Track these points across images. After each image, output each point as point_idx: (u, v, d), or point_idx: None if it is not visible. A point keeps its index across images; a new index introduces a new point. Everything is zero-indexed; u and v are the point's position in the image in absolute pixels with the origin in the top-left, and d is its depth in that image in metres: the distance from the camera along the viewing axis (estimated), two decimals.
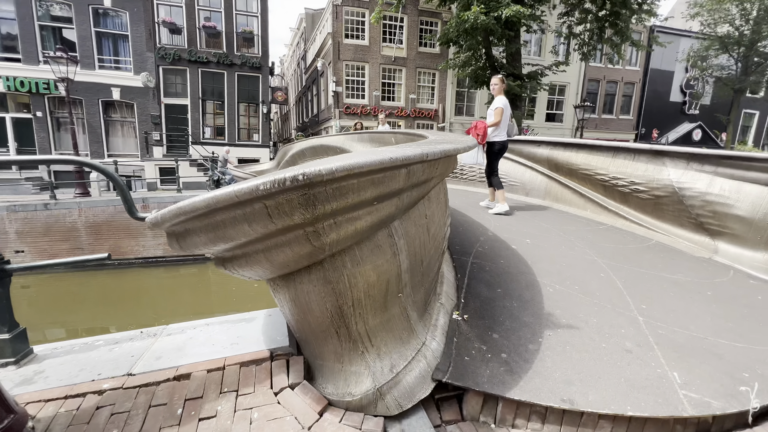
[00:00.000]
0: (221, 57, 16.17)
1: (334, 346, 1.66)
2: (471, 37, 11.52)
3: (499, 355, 1.87)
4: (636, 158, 4.21)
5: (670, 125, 24.61)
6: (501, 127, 4.53)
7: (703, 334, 2.21)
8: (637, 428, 1.63)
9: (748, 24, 16.17)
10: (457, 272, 2.77)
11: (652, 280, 2.92)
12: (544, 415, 1.65)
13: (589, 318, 2.27)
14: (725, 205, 3.43)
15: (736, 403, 1.68)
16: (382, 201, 1.40)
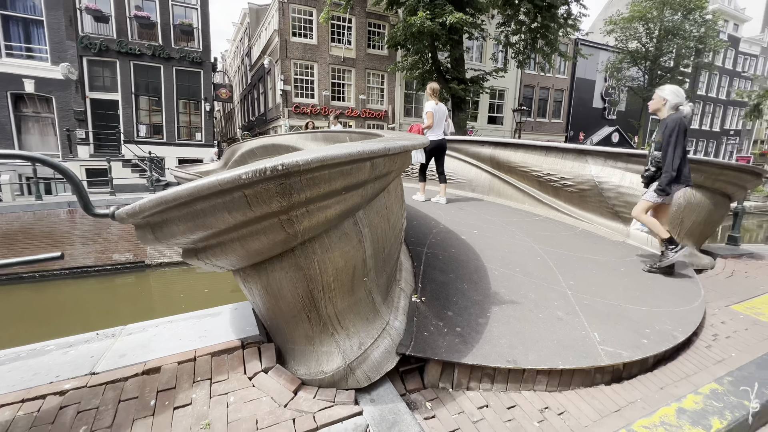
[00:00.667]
0: (156, 50, 15.06)
1: (305, 329, 1.77)
2: (418, 41, 11.99)
3: (454, 329, 2.10)
4: (564, 157, 4.77)
5: (594, 128, 27.44)
6: (433, 128, 5.04)
7: (617, 301, 2.64)
8: (567, 379, 1.94)
9: (652, 41, 18.64)
10: (414, 261, 2.98)
11: (578, 261, 3.38)
12: (493, 375, 1.90)
13: (528, 294, 2.60)
14: (634, 195, 4.04)
15: (640, 352, 2.07)
16: (349, 191, 1.54)
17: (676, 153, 3.02)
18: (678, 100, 3.10)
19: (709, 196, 3.76)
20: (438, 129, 5.10)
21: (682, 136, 3.03)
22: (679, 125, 3.03)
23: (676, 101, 3.10)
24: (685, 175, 3.11)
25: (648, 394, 1.95)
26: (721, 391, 1.97)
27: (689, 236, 3.90)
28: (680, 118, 3.06)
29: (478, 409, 1.78)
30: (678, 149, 3.03)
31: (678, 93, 3.13)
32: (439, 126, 5.08)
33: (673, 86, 3.22)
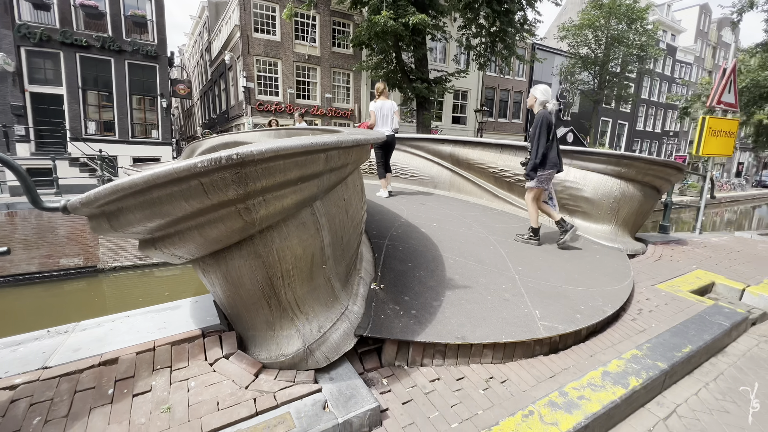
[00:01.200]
0: (106, 42, 14.18)
1: (265, 315, 1.84)
2: (381, 41, 12.15)
3: (409, 312, 2.25)
4: (516, 154, 5.09)
5: None
6: (378, 125, 5.25)
7: (558, 283, 2.91)
8: (510, 351, 2.15)
9: (600, 48, 20.02)
10: (375, 252, 3.11)
11: (527, 249, 3.66)
12: (444, 351, 2.07)
13: (479, 279, 2.81)
14: (577, 189, 4.41)
15: (573, 326, 2.32)
16: (305, 181, 1.64)
17: (540, 143, 3.56)
18: (545, 98, 3.64)
19: (640, 189, 4.18)
20: (384, 125, 5.28)
21: (545, 128, 3.56)
22: (543, 119, 3.57)
23: (543, 99, 3.64)
24: (551, 161, 3.63)
25: (580, 362, 2.19)
26: (640, 355, 2.26)
27: (624, 225, 4.32)
28: (545, 113, 3.60)
29: (430, 382, 1.93)
30: (541, 139, 3.55)
31: (546, 92, 3.68)
32: (385, 122, 5.27)
33: (543, 86, 3.75)
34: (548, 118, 3.58)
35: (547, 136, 3.58)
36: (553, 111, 3.64)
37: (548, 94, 3.67)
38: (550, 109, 3.63)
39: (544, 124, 3.56)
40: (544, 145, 3.58)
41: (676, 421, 2.00)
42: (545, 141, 3.58)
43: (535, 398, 1.85)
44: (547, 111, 3.63)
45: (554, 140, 3.63)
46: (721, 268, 4.03)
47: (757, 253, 4.87)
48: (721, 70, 5.64)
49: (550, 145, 3.62)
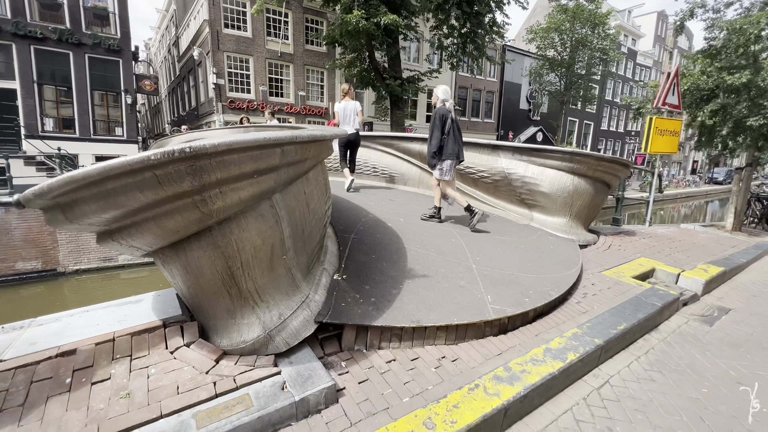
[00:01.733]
0: (64, 34, 13.48)
1: (226, 304, 1.91)
2: (354, 40, 12.21)
3: (369, 300, 2.37)
4: (480, 151, 5.32)
5: (521, 128, 29.89)
6: (341, 125, 5.60)
7: (512, 271, 3.11)
8: (462, 333, 2.31)
9: (566, 51, 20.89)
10: (341, 245, 3.21)
11: (487, 241, 3.86)
12: (401, 335, 2.21)
13: (438, 269, 2.97)
14: (535, 184, 4.68)
15: (521, 308, 2.52)
16: (261, 175, 1.72)
17: (434, 135, 3.99)
18: (444, 97, 4.04)
19: (591, 184, 4.49)
20: (347, 124, 5.61)
21: (440, 123, 3.97)
22: (439, 115, 3.98)
23: (443, 98, 4.04)
24: (448, 152, 4.02)
25: (525, 341, 2.39)
26: (580, 333, 2.48)
27: (578, 218, 4.62)
28: (443, 109, 4.00)
29: (386, 363, 2.06)
30: (436, 132, 3.98)
31: (446, 92, 4.09)
32: (347, 122, 5.61)
33: (444, 86, 4.16)
34: (444, 113, 3.98)
35: (442, 129, 3.98)
36: (450, 109, 4.02)
37: (448, 93, 4.08)
38: (448, 107, 4.01)
39: (440, 119, 3.97)
40: (439, 138, 3.99)
41: (608, 390, 2.23)
42: (440, 134, 3.99)
43: (481, 373, 2.02)
44: (445, 108, 4.01)
45: (451, 133, 4.01)
46: (663, 255, 4.40)
47: (696, 242, 5.33)
48: (665, 74, 6.10)
49: (447, 137, 4.01)
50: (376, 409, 1.73)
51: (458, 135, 4.10)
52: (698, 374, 2.43)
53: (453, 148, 4.02)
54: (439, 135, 3.98)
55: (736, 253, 4.97)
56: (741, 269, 4.57)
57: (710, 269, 4.00)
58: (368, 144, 7.15)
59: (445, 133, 3.99)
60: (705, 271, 3.92)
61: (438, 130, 3.98)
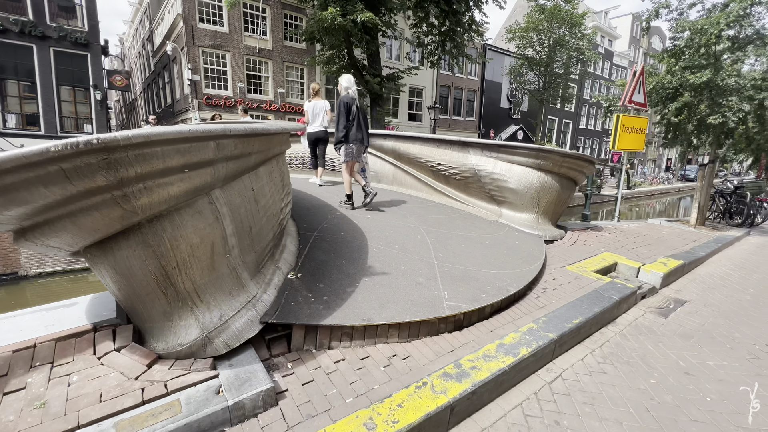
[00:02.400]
0: (26, 26, 12.85)
1: (162, 306, 1.82)
2: (332, 36, 12.07)
3: (321, 298, 2.31)
4: (452, 148, 5.31)
5: (502, 127, 30.27)
6: (311, 122, 5.78)
7: (473, 267, 3.11)
8: (415, 330, 2.28)
9: (544, 50, 21.24)
10: (301, 244, 3.14)
11: (453, 238, 3.86)
12: (351, 334, 2.16)
13: (399, 266, 2.93)
14: (503, 181, 4.70)
15: (477, 304, 2.51)
16: (193, 169, 1.64)
17: (340, 122, 4.20)
18: (347, 85, 4.27)
19: (557, 180, 4.54)
20: (316, 122, 5.78)
21: (345, 110, 4.19)
22: (343, 103, 4.21)
23: (346, 86, 4.27)
24: (352, 137, 4.25)
25: (480, 336, 2.38)
26: (535, 328, 2.49)
27: (545, 213, 4.67)
28: (345, 97, 4.23)
29: (334, 363, 2.01)
30: (341, 119, 4.19)
31: (349, 80, 4.30)
32: (315, 120, 5.78)
33: (348, 75, 4.38)
34: (348, 101, 4.22)
35: (347, 116, 4.21)
36: (354, 96, 4.27)
37: (351, 82, 4.30)
38: (351, 95, 4.24)
39: (343, 107, 4.21)
40: (344, 124, 4.21)
41: (559, 384, 2.24)
42: (345, 121, 4.21)
43: (431, 371, 1.99)
44: (349, 96, 4.24)
45: (355, 120, 4.25)
46: (626, 250, 4.49)
47: (660, 237, 5.47)
48: (631, 73, 6.24)
49: (351, 124, 4.24)
50: (317, 411, 1.67)
51: (363, 121, 4.33)
52: (649, 365, 2.48)
53: (356, 134, 4.26)
54: (344, 121, 4.20)
55: (697, 247, 5.13)
56: (700, 262, 4.72)
57: (669, 263, 4.10)
58: None
59: (349, 120, 4.21)
60: (664, 264, 4.02)
61: (343, 117, 4.20)
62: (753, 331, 3.03)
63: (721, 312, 3.37)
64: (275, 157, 2.71)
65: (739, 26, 5.69)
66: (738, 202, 7.97)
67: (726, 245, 5.74)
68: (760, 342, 2.85)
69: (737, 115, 5.80)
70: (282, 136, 2.68)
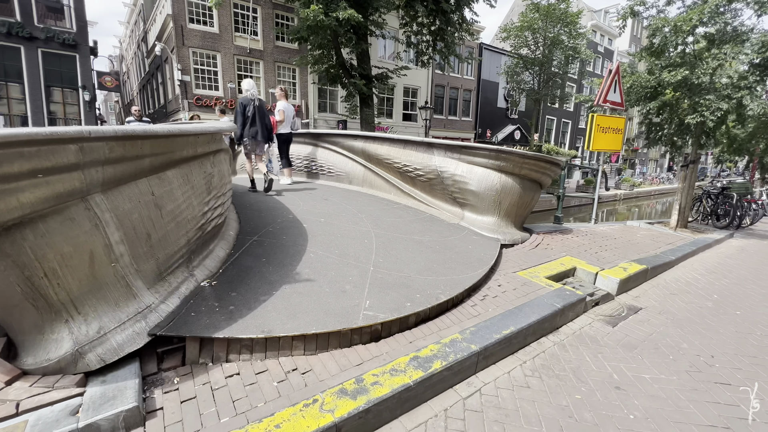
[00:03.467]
0: (13, 27, 12.87)
1: (33, 318, 1.73)
2: (316, 35, 11.96)
3: (227, 308, 2.21)
4: (417, 149, 5.19)
5: (499, 126, 30.09)
6: (285, 124, 6.01)
7: (410, 274, 2.99)
8: (323, 342, 2.17)
9: (540, 49, 21.03)
10: (234, 249, 3.04)
11: (403, 242, 3.74)
12: (251, 346, 2.05)
13: (329, 272, 2.82)
14: (464, 182, 4.58)
15: (398, 313, 2.39)
16: (50, 174, 1.54)
17: (238, 120, 4.95)
18: (246, 87, 5.01)
19: (519, 182, 4.41)
20: (287, 124, 6.08)
21: (241, 110, 4.95)
22: (239, 103, 4.97)
23: (245, 88, 5.00)
24: (248, 132, 5.00)
25: (397, 348, 2.26)
26: (459, 339, 2.37)
27: (507, 216, 4.55)
28: (243, 98, 4.98)
29: (225, 378, 1.90)
30: (239, 117, 4.96)
31: (248, 83, 5.04)
32: (288, 122, 6.09)
33: (248, 79, 5.12)
34: (244, 102, 4.95)
35: (243, 114, 4.95)
36: (252, 97, 4.99)
37: (251, 85, 5.04)
38: (249, 96, 4.97)
39: (239, 107, 4.95)
40: (241, 121, 4.94)
41: (475, 399, 2.11)
42: (241, 119, 4.95)
43: (328, 387, 1.88)
44: (246, 97, 4.98)
45: (251, 118, 4.97)
46: (589, 254, 4.35)
47: (632, 240, 5.32)
48: (607, 71, 6.09)
49: (247, 120, 4.97)
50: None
51: (259, 118, 5.05)
52: (579, 379, 2.35)
53: (251, 130, 5.00)
54: (240, 120, 4.95)
55: (668, 251, 4.98)
56: (668, 267, 4.57)
57: (630, 267, 3.96)
58: (317, 142, 6.98)
59: (245, 118, 4.95)
60: (624, 269, 3.89)
61: (240, 116, 4.96)
62: (702, 341, 2.89)
63: (675, 320, 3.23)
64: (196, 159, 2.61)
65: (715, 23, 5.53)
66: (724, 203, 7.80)
67: (702, 248, 5.58)
68: (706, 353, 2.71)
69: (715, 114, 5.64)
70: (203, 137, 2.57)
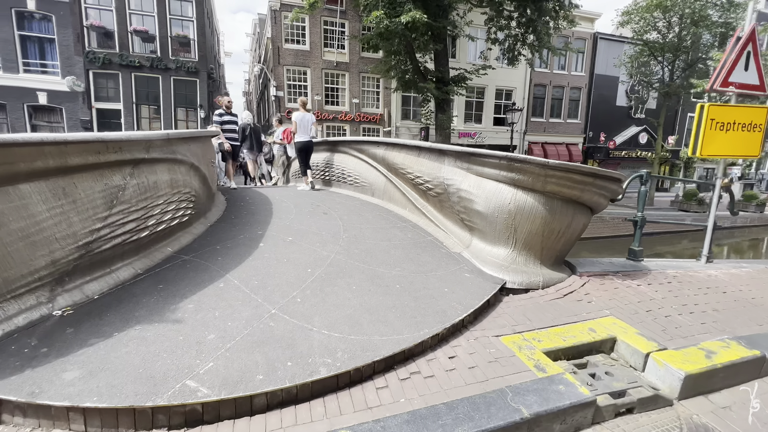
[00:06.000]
0: (155, 61, 15.96)
1: None
2: (387, 41, 11.62)
3: (38, 350, 1.83)
4: (429, 157, 4.26)
5: (618, 128, 25.33)
6: (300, 132, 6.42)
7: (319, 324, 2.22)
8: (110, 419, 1.61)
9: (673, 30, 16.78)
10: (150, 269, 2.75)
11: (359, 275, 2.94)
12: (24, 409, 1.62)
13: (211, 312, 2.26)
14: (470, 200, 3.50)
15: (237, 391, 1.68)
16: None
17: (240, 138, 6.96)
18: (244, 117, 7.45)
19: (543, 202, 3.13)
20: (304, 133, 6.42)
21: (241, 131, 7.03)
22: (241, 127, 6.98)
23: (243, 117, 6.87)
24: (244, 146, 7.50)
25: None
26: None
27: (527, 249, 3.28)
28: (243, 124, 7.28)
29: None
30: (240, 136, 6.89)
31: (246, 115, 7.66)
32: (305, 130, 6.42)
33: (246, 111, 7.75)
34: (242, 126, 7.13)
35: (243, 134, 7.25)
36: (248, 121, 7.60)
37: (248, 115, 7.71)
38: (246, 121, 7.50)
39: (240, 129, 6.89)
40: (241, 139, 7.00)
41: None
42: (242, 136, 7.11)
43: None
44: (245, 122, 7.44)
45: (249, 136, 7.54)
46: (655, 317, 2.82)
47: (759, 298, 3.38)
48: (732, 41, 4.12)
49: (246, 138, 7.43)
50: None
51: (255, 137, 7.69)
52: None
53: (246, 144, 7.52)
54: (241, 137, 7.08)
55: None
56: None
57: (725, 351, 2.37)
58: (344, 149, 6.55)
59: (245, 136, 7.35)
60: (707, 353, 2.33)
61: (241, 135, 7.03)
62: None
63: None
64: (87, 170, 2.37)
65: None
66: None
67: None
68: None
69: None
70: (83, 146, 2.31)
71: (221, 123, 6.44)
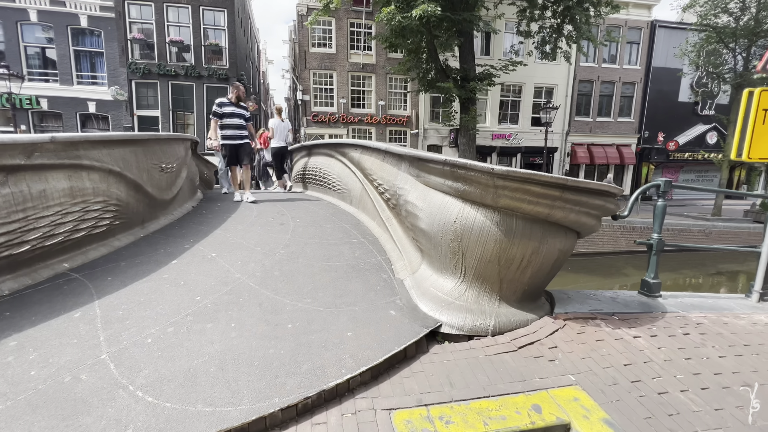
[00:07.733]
0: (189, 70, 16.72)
1: None
2: (403, 39, 11.01)
3: None
4: (391, 161, 3.65)
5: (680, 127, 22.47)
6: (276, 138, 6.81)
7: (140, 384, 1.71)
8: None
9: (749, 12, 14.34)
10: (37, 284, 2.43)
11: (247, 309, 2.40)
12: None
13: (36, 352, 1.84)
14: (415, 215, 2.83)
15: None
16: None
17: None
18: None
19: (498, 220, 2.36)
20: (280, 139, 6.79)
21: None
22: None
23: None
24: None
25: None
26: None
27: (480, 280, 2.52)
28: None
29: None
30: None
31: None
32: (281, 137, 6.80)
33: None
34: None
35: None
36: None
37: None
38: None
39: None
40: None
41: None
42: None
43: None
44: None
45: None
46: (646, 394, 1.96)
47: None
48: None
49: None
50: None
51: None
52: None
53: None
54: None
55: None
56: None
57: None
58: (329, 152, 6.07)
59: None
60: None
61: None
62: None
63: None
64: None
65: None
66: None
67: None
68: None
69: None
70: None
71: (221, 115, 5.25)
